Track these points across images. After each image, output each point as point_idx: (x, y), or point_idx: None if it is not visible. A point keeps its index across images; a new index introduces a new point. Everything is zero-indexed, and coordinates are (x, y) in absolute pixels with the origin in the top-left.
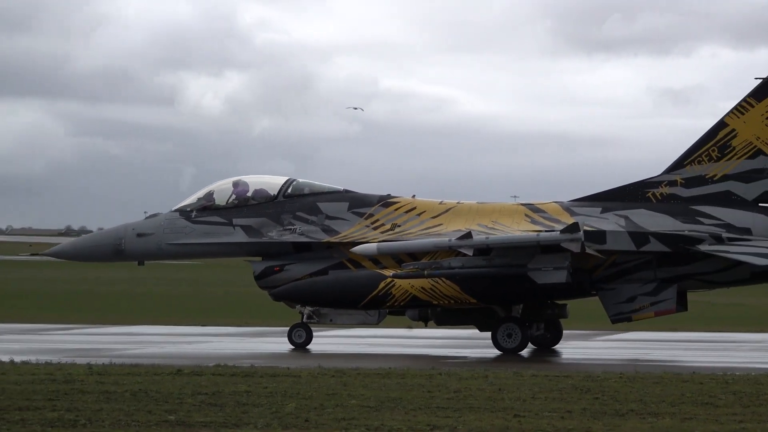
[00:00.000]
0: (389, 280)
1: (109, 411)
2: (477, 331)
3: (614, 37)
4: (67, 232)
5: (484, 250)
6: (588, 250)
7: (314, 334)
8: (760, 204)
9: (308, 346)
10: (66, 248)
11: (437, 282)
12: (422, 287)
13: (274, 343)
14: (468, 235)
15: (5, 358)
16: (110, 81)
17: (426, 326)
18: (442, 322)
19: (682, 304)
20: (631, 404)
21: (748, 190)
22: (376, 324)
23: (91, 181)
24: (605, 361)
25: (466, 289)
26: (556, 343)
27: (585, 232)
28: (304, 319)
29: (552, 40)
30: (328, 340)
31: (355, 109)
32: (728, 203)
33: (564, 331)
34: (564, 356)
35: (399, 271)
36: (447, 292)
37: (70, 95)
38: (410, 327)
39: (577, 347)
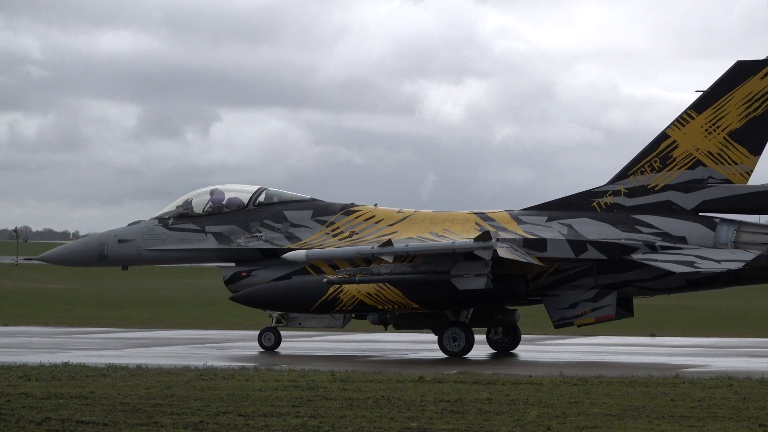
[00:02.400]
0: (337, 285)
1: (352, 418)
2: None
3: None
4: None
5: (413, 257)
6: (505, 255)
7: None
8: (699, 213)
9: (276, 349)
10: (54, 253)
11: (382, 288)
12: (368, 293)
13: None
14: (388, 242)
15: (249, 364)
16: (352, 90)
17: (386, 330)
18: (399, 326)
19: (628, 310)
20: None
21: (687, 200)
22: (341, 328)
23: (333, 189)
24: None
25: (409, 295)
26: (515, 347)
27: (526, 239)
28: (273, 323)
29: None
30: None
31: None
32: (668, 213)
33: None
34: None
35: (332, 276)
36: (391, 298)
37: (313, 105)
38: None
39: None
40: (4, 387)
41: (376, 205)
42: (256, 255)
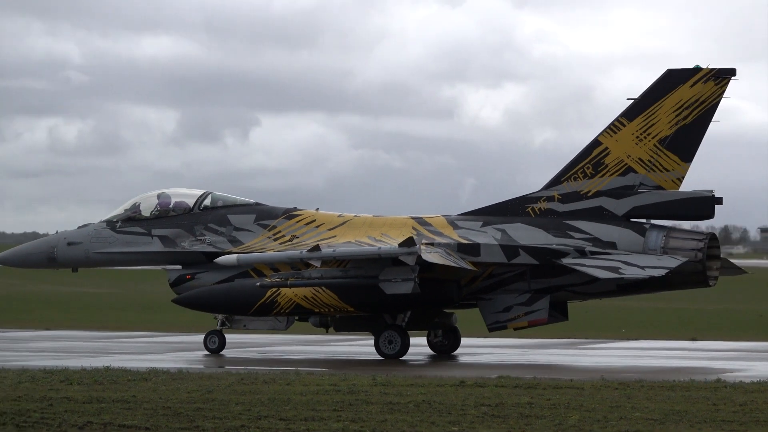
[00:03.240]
0: (275, 289)
1: (393, 422)
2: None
3: None
4: None
5: (344, 262)
6: (433, 260)
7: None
8: (631, 219)
9: (222, 352)
10: (7, 255)
11: (318, 291)
12: (305, 296)
13: (555, 354)
14: (316, 247)
15: (290, 369)
16: (390, 94)
17: (327, 332)
18: (340, 329)
19: (563, 314)
20: None
21: (618, 206)
22: (285, 330)
23: (371, 193)
24: None
25: (344, 298)
26: (455, 349)
27: (460, 244)
28: (219, 326)
29: None
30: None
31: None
32: (599, 218)
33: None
34: None
35: (265, 280)
36: (327, 301)
37: (351, 109)
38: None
39: None
40: (46, 391)
41: (317, 209)
42: (200, 258)
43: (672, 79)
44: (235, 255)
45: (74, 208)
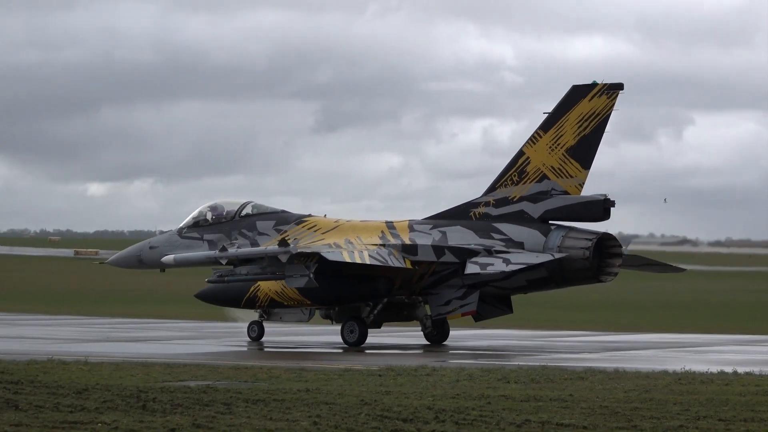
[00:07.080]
0: (257, 284)
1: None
2: None
3: None
4: None
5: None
6: (335, 258)
7: None
8: (548, 221)
9: (261, 339)
10: (112, 259)
11: (284, 286)
12: (276, 291)
13: None
14: (224, 248)
15: (728, 369)
16: None
17: (332, 324)
18: (339, 320)
19: (507, 306)
20: None
21: (535, 209)
22: (306, 321)
23: None
24: None
25: (303, 293)
26: (444, 339)
27: (404, 245)
28: (258, 318)
29: None
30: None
31: None
32: (520, 221)
33: None
34: None
35: (211, 276)
36: (291, 295)
37: None
38: None
39: None
40: (483, 389)
41: (325, 215)
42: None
43: (576, 94)
44: (173, 255)
45: None
